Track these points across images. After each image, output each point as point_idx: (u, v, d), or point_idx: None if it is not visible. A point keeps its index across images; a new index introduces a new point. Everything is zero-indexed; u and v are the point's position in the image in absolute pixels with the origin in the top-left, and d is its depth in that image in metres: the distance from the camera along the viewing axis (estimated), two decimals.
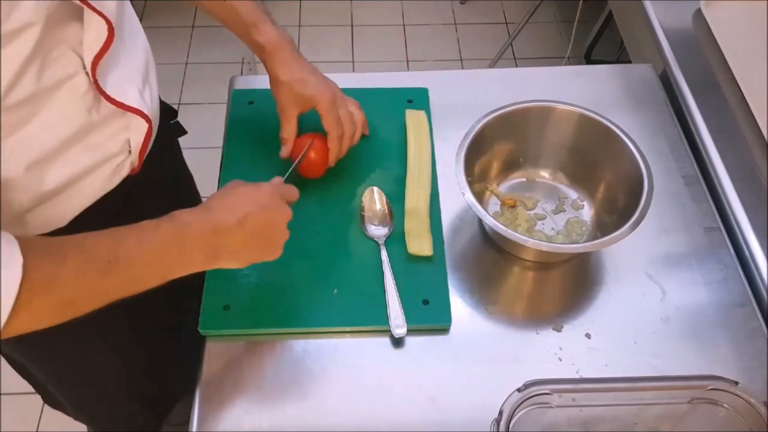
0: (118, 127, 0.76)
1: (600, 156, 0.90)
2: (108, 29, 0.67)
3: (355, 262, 0.85)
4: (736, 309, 0.84)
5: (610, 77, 1.10)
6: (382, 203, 0.90)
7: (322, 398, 0.76)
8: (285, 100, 0.86)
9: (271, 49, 0.84)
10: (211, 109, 2.12)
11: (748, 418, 0.67)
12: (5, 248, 0.52)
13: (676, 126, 1.02)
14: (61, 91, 0.67)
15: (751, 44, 1.05)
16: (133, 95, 0.75)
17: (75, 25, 0.66)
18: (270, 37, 0.84)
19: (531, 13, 2.13)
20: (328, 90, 0.85)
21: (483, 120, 0.88)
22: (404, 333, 0.79)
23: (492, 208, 0.93)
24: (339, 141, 0.87)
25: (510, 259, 0.88)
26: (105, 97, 0.72)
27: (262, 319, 0.80)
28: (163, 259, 0.63)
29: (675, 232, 0.91)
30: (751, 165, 0.94)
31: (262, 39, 0.84)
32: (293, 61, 0.85)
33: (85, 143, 0.72)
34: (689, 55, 1.07)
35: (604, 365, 0.79)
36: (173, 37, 2.35)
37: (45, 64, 0.64)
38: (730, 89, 1.02)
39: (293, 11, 2.48)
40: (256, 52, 0.87)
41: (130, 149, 0.79)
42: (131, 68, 0.77)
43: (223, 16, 0.86)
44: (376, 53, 2.37)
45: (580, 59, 2.20)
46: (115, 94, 0.73)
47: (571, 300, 0.85)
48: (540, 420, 0.68)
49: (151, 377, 1.10)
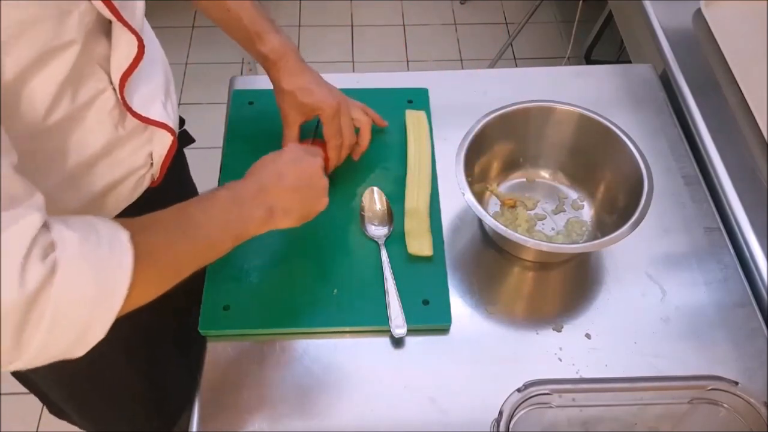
0: (142, 141, 0.76)
1: (600, 156, 0.90)
2: (138, 46, 0.67)
3: (355, 262, 0.85)
4: (736, 309, 0.84)
5: (610, 77, 1.10)
6: (382, 203, 0.90)
7: (322, 398, 0.76)
8: (288, 108, 0.86)
9: (274, 58, 0.84)
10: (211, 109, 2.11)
11: (748, 418, 0.67)
12: (108, 226, 0.54)
13: (676, 126, 1.02)
14: (92, 108, 0.68)
15: (751, 44, 1.05)
16: (157, 109, 0.76)
17: (104, 41, 0.66)
18: (274, 46, 0.84)
19: (531, 13, 2.13)
20: (332, 99, 0.85)
21: (483, 120, 0.88)
22: (404, 333, 0.79)
23: (492, 208, 0.93)
24: (338, 150, 0.87)
25: (510, 259, 0.88)
26: (131, 112, 0.72)
27: (262, 319, 0.80)
28: (228, 219, 0.67)
29: (675, 232, 0.91)
30: (751, 165, 0.94)
31: (265, 49, 0.84)
32: (297, 70, 0.85)
33: (111, 159, 0.73)
34: (689, 55, 1.07)
35: (604, 365, 0.79)
36: (173, 37, 2.36)
37: (81, 82, 0.65)
38: (730, 89, 1.02)
39: (293, 11, 2.48)
40: (259, 61, 0.87)
41: (152, 162, 0.79)
42: (154, 82, 0.77)
43: (227, 25, 0.85)
44: (376, 53, 2.37)
45: (580, 59, 2.20)
46: (141, 109, 0.73)
47: (571, 300, 0.85)
48: (540, 420, 0.68)
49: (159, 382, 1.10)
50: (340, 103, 0.86)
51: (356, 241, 0.88)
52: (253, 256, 0.85)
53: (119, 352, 0.96)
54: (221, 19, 0.85)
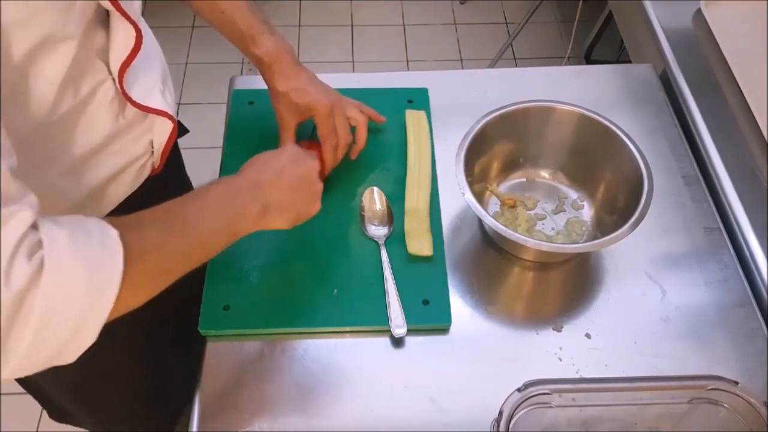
0: (142, 130, 0.77)
1: (600, 156, 0.90)
2: (136, 36, 0.67)
3: (355, 262, 0.85)
4: (736, 309, 0.84)
5: (610, 77, 1.10)
6: (382, 203, 0.90)
7: (322, 398, 0.76)
8: (283, 110, 0.86)
9: (269, 60, 0.84)
10: (211, 109, 2.12)
11: (748, 418, 0.67)
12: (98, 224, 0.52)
13: (676, 126, 1.02)
14: (94, 100, 0.68)
15: (751, 44, 1.05)
16: (156, 98, 0.76)
17: (102, 33, 0.67)
18: (268, 48, 0.84)
19: (531, 13, 2.13)
20: (326, 99, 0.85)
21: (483, 120, 0.88)
22: (404, 333, 0.79)
23: (492, 208, 0.93)
24: (333, 150, 0.87)
25: (510, 259, 0.88)
26: (131, 102, 0.72)
27: (262, 319, 0.80)
28: (223, 214, 0.65)
29: (675, 232, 0.91)
30: (751, 165, 0.94)
31: (259, 52, 0.84)
32: (291, 71, 0.85)
33: (113, 148, 0.74)
34: (689, 55, 1.07)
35: (604, 365, 0.79)
36: (173, 37, 2.36)
37: (82, 74, 0.65)
38: (730, 89, 1.02)
39: (293, 11, 2.48)
40: (254, 64, 0.87)
41: (153, 150, 0.80)
42: (152, 71, 0.78)
43: (222, 27, 0.86)
44: (376, 53, 2.37)
45: (580, 59, 2.20)
46: (140, 99, 0.73)
47: (571, 300, 0.85)
48: (540, 420, 0.68)
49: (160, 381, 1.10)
50: (335, 102, 0.86)
51: (356, 241, 0.88)
52: (253, 256, 0.85)
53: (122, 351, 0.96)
54: (215, 20, 0.85)
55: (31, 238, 0.47)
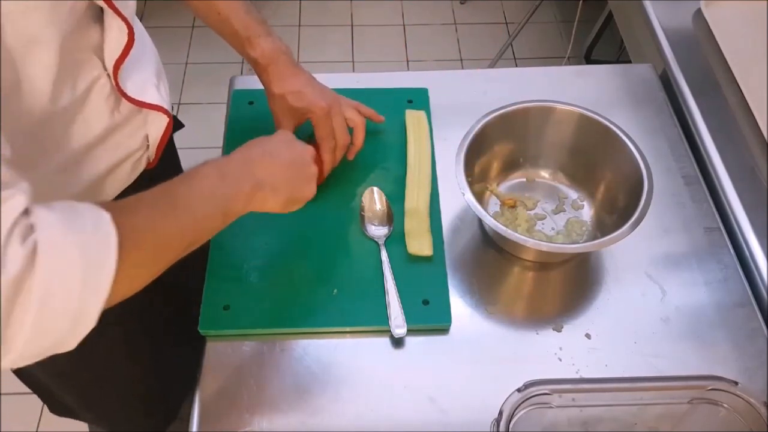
0: (138, 125, 0.78)
1: (600, 156, 0.90)
2: (128, 33, 0.68)
3: (355, 262, 0.85)
4: (736, 309, 0.84)
5: (610, 77, 1.10)
6: (382, 203, 0.90)
7: (322, 398, 0.76)
8: (280, 112, 0.86)
9: (265, 62, 0.84)
10: (211, 109, 2.12)
11: (748, 418, 0.67)
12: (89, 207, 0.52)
13: (676, 126, 1.02)
14: (91, 95, 0.69)
15: (751, 44, 1.05)
16: (151, 92, 0.77)
17: (95, 28, 0.68)
18: (264, 50, 0.83)
19: (531, 13, 2.13)
20: (323, 101, 0.84)
21: (483, 120, 0.88)
22: (404, 333, 0.79)
23: (492, 208, 0.93)
24: (332, 152, 0.87)
25: (510, 259, 0.88)
26: (126, 97, 0.73)
27: (262, 319, 0.80)
28: (213, 193, 0.64)
29: (675, 232, 0.91)
30: (751, 165, 0.94)
31: (255, 54, 0.84)
32: (288, 74, 0.85)
33: (109, 143, 0.74)
34: (689, 55, 1.07)
35: (604, 365, 0.79)
36: (173, 37, 2.36)
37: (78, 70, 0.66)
38: (730, 89, 1.02)
39: (293, 11, 2.48)
40: (251, 65, 0.87)
41: (148, 144, 0.81)
42: (145, 66, 0.79)
43: (218, 28, 0.85)
44: (376, 53, 2.37)
45: (580, 59, 2.20)
46: (135, 94, 0.74)
47: (571, 300, 0.85)
48: (540, 420, 0.68)
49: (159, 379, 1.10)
50: (332, 104, 0.85)
51: (356, 241, 0.88)
52: (253, 256, 0.85)
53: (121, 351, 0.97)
54: (212, 22, 0.85)
55: (23, 223, 0.47)
